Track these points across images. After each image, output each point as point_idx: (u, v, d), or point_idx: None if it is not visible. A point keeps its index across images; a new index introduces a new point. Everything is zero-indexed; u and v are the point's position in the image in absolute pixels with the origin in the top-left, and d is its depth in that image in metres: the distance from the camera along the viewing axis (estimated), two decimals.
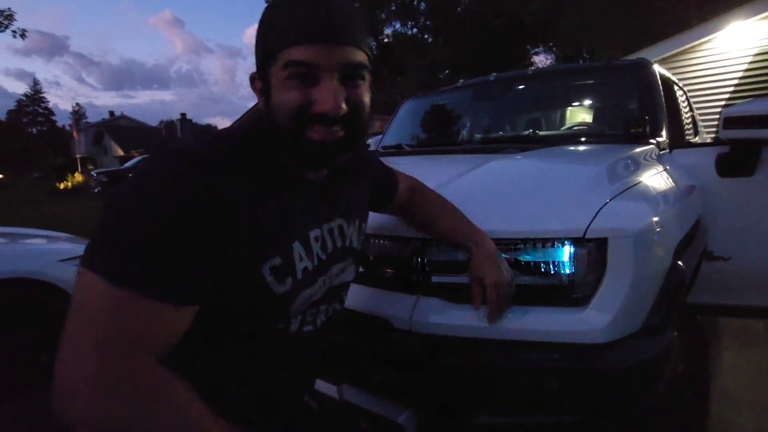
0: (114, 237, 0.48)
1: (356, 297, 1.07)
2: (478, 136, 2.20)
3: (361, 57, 0.60)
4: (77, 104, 70.35)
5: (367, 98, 0.63)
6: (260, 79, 0.62)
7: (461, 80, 2.56)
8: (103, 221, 0.50)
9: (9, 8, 10.77)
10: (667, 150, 1.65)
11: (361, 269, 1.02)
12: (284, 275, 0.61)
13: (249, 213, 0.55)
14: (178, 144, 0.57)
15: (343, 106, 0.58)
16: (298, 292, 0.63)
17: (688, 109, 2.37)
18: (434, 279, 1.00)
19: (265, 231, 0.58)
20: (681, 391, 1.27)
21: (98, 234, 0.50)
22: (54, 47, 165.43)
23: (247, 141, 0.62)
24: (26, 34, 11.15)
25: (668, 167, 1.45)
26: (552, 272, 0.92)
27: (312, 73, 0.57)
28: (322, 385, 1.02)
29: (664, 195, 1.21)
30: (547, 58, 19.83)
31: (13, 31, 10.94)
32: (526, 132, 2.07)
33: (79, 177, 19.82)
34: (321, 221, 0.68)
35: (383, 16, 17.11)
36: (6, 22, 10.74)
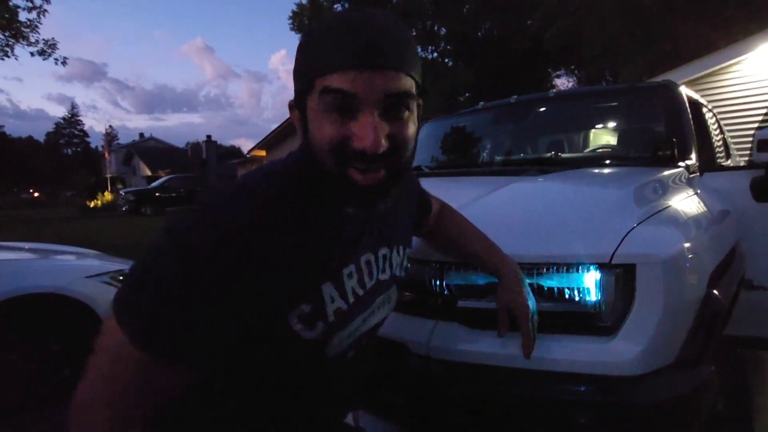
0: (137, 292, 0.49)
1: None
2: (498, 158, 2.18)
3: (406, 84, 0.54)
4: (110, 126, 73.82)
5: (412, 130, 0.57)
6: (298, 109, 0.56)
7: (481, 102, 2.56)
8: (136, 272, 0.50)
9: (53, 38, 11.53)
10: (698, 173, 1.59)
11: None
12: (314, 320, 0.56)
13: (274, 260, 0.51)
14: (206, 197, 0.53)
15: (384, 142, 0.52)
16: (332, 335, 0.59)
17: (718, 131, 2.30)
18: (453, 304, 0.97)
19: (288, 280, 0.52)
20: (721, 430, 1.18)
21: (129, 281, 0.50)
22: (93, 73, 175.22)
23: (282, 181, 0.57)
24: (67, 61, 11.89)
25: (699, 191, 1.40)
26: (577, 299, 0.88)
27: (350, 104, 0.51)
28: None
29: (695, 220, 1.16)
30: (569, 81, 19.81)
31: (55, 59, 11.69)
32: (548, 154, 2.04)
33: (108, 196, 20.57)
34: (357, 254, 0.61)
35: None
36: (49, 51, 11.49)
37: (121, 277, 2.35)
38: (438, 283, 0.98)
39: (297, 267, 0.53)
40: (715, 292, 1.02)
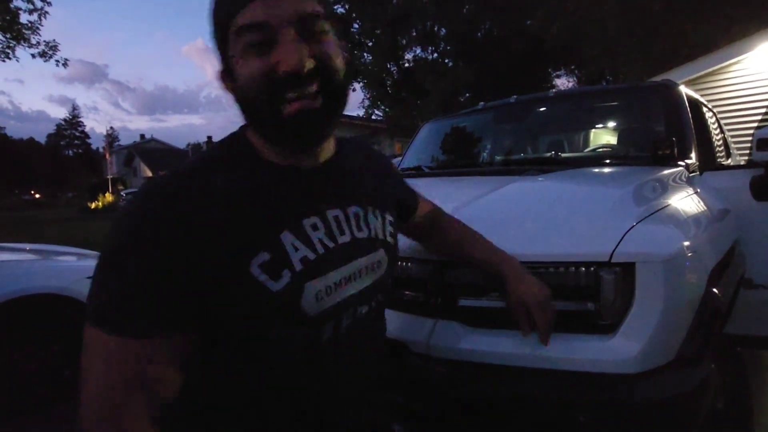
0: (94, 284, 0.51)
1: None
2: (498, 158, 2.18)
3: (315, 6, 0.55)
4: (111, 128, 73.93)
5: (335, 50, 0.57)
6: (228, 75, 0.58)
7: (482, 102, 2.56)
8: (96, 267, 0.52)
9: (54, 39, 11.55)
10: (698, 172, 1.59)
11: None
12: (278, 269, 0.55)
13: (216, 216, 0.52)
14: (144, 184, 0.56)
15: (308, 62, 0.53)
16: (302, 284, 0.56)
17: (718, 130, 2.30)
18: (453, 302, 0.97)
19: (240, 231, 0.53)
20: (721, 429, 1.18)
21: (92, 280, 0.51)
22: (94, 75, 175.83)
23: (222, 147, 0.61)
24: (68, 63, 11.90)
25: (699, 190, 1.40)
26: (577, 298, 0.88)
27: (266, 35, 0.53)
28: None
29: (695, 218, 1.16)
30: (569, 81, 19.80)
31: (57, 61, 11.71)
32: (548, 154, 2.05)
33: (109, 197, 20.62)
34: (320, 208, 0.61)
35: (404, 42, 17.52)
36: (50, 52, 11.50)
37: None
38: (438, 281, 0.98)
39: (239, 219, 0.54)
40: (714, 290, 1.02)
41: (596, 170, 1.56)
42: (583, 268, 0.87)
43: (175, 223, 0.50)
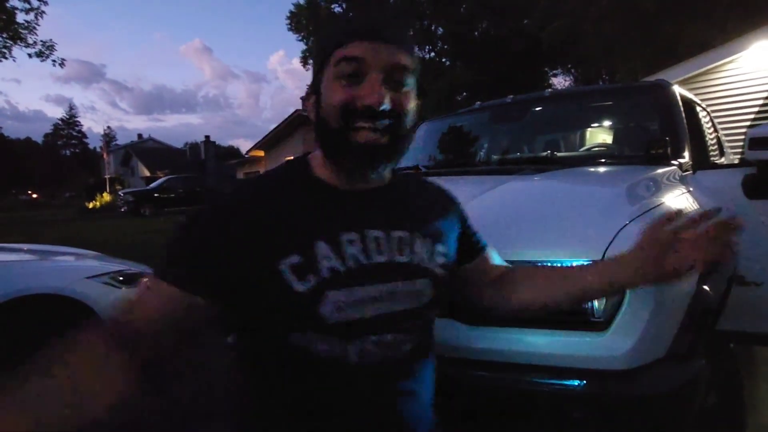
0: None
1: None
2: (494, 157, 2.20)
3: (406, 60, 0.63)
4: (108, 127, 73.69)
5: (412, 104, 0.65)
6: (314, 93, 0.66)
7: (478, 102, 2.58)
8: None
9: (51, 39, 11.51)
10: (691, 171, 1.61)
11: None
12: (305, 273, 0.60)
13: (261, 217, 0.62)
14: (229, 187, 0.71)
15: (387, 101, 0.60)
16: (324, 291, 0.59)
17: (712, 129, 2.32)
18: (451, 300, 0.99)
19: (278, 232, 0.61)
20: (713, 424, 1.20)
21: None
22: (91, 74, 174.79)
23: (288, 165, 0.71)
24: (65, 62, 11.87)
25: (692, 189, 1.42)
26: None
27: (359, 71, 0.60)
28: None
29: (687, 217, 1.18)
30: (566, 80, 19.84)
31: (53, 60, 11.67)
32: (544, 153, 2.06)
33: (107, 197, 20.55)
34: (362, 227, 0.64)
35: None
36: (47, 52, 11.47)
37: (121, 278, 2.36)
38: None
39: (278, 222, 0.62)
40: (705, 287, 1.04)
41: (591, 169, 1.58)
42: None
43: (223, 215, 0.63)
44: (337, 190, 0.66)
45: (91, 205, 19.75)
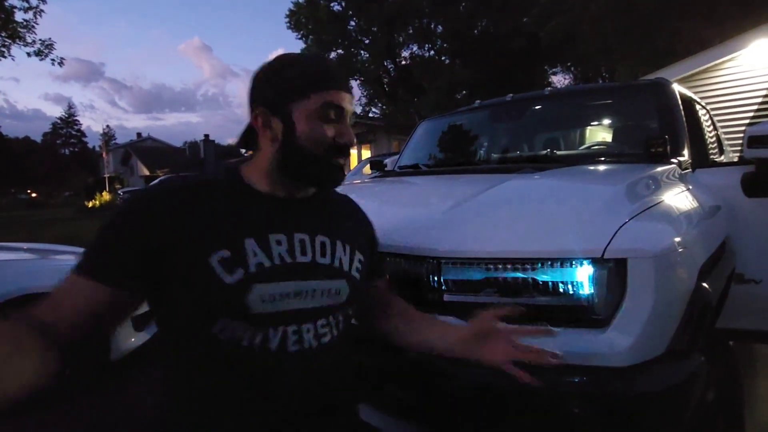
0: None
1: None
2: (494, 156, 2.20)
3: (354, 108, 0.80)
4: (107, 126, 73.59)
5: None
6: (278, 114, 0.74)
7: (478, 101, 2.58)
8: None
9: (50, 38, 11.48)
10: (690, 169, 1.62)
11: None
12: (234, 266, 0.66)
13: (191, 214, 0.67)
14: (153, 183, 0.75)
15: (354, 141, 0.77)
16: (251, 284, 0.66)
17: (711, 128, 2.33)
18: (450, 298, 0.99)
19: (210, 229, 0.67)
20: (712, 421, 1.21)
21: None
22: (90, 73, 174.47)
23: (216, 173, 0.78)
24: (64, 61, 11.84)
25: (691, 187, 1.43)
26: (571, 292, 0.90)
27: (340, 115, 0.74)
28: None
29: (686, 215, 1.19)
30: (565, 78, 19.83)
31: (52, 59, 11.65)
32: (543, 152, 2.07)
33: (106, 196, 20.51)
34: (289, 229, 0.73)
35: (401, 39, 17.50)
36: (46, 51, 11.44)
37: None
38: (435, 278, 1.00)
39: (208, 220, 0.68)
40: (704, 285, 1.05)
41: (590, 168, 1.58)
42: (577, 264, 0.89)
43: (150, 212, 0.66)
44: (268, 197, 0.75)
45: (90, 204, 19.72)
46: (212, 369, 0.68)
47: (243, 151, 0.88)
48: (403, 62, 17.99)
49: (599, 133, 2.15)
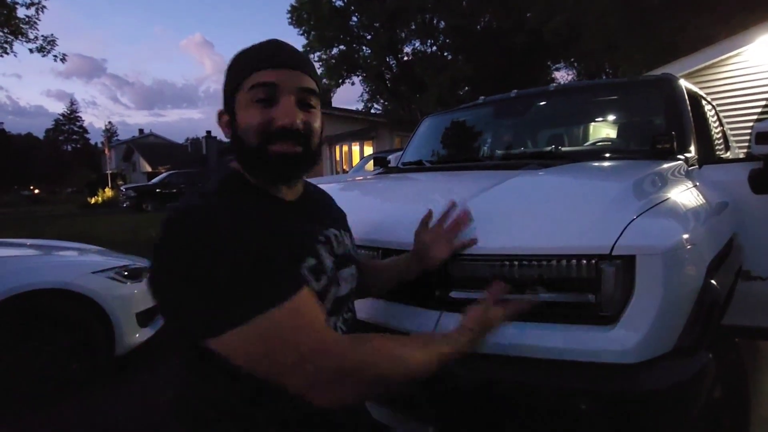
0: (213, 288, 0.54)
1: (378, 311, 1.07)
2: (499, 152, 2.19)
3: (312, 84, 0.71)
4: (109, 122, 73.64)
5: (318, 123, 0.72)
6: (227, 112, 0.71)
7: (482, 97, 2.57)
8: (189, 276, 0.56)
9: (52, 34, 11.49)
10: (697, 166, 1.60)
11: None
12: (319, 273, 0.68)
13: (263, 227, 0.63)
14: (182, 209, 0.62)
15: (299, 121, 0.67)
16: (329, 289, 0.70)
17: (717, 124, 2.31)
18: (457, 294, 0.99)
19: (291, 238, 0.66)
20: (718, 418, 1.20)
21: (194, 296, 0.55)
22: (92, 69, 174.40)
23: (226, 184, 0.70)
24: (66, 58, 11.85)
25: (698, 183, 1.42)
26: (578, 289, 0.90)
27: (273, 95, 0.66)
28: None
29: (694, 212, 1.18)
30: (568, 74, 19.73)
31: (54, 56, 11.65)
32: (548, 148, 2.06)
33: (109, 192, 20.57)
34: (324, 226, 0.76)
35: (403, 35, 17.42)
36: (48, 47, 11.44)
37: (126, 273, 2.37)
38: (442, 274, 1.00)
39: (286, 234, 0.66)
40: (712, 282, 1.04)
41: (596, 164, 1.57)
42: (585, 261, 0.89)
43: (243, 226, 0.59)
44: (282, 201, 0.73)
45: (93, 201, 19.79)
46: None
47: None
48: (405, 58, 17.92)
49: (605, 130, 2.14)
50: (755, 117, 4.64)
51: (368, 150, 14.40)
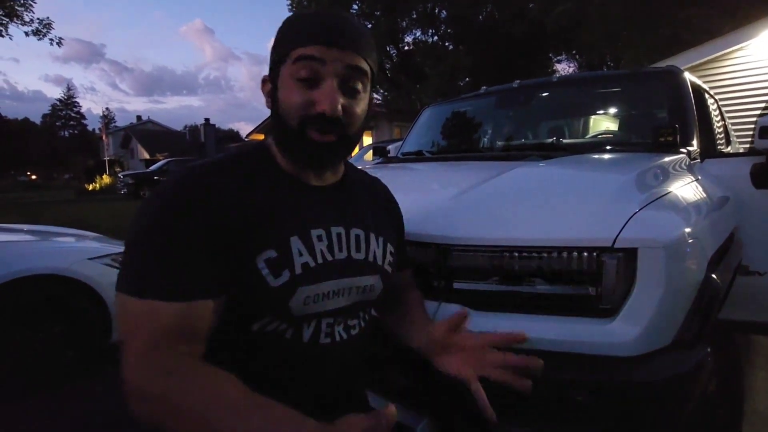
0: (128, 256, 0.58)
1: None
2: (500, 143, 2.17)
3: (362, 64, 0.65)
4: (107, 109, 73.09)
5: (362, 108, 0.67)
6: (270, 81, 0.68)
7: (484, 87, 2.54)
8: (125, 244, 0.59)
9: (47, 17, 11.32)
10: (699, 160, 1.60)
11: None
12: (280, 268, 0.62)
13: (239, 208, 0.60)
14: (179, 174, 0.63)
15: (339, 108, 0.63)
16: (296, 287, 0.62)
17: (719, 118, 2.30)
18: (456, 285, 0.98)
19: (255, 226, 0.61)
20: (713, 410, 1.21)
21: (123, 257, 0.59)
22: (91, 55, 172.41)
23: (249, 152, 0.69)
24: (62, 41, 11.69)
25: (700, 177, 1.41)
26: (579, 282, 0.89)
27: (316, 72, 0.62)
28: None
29: (696, 205, 1.17)
30: (569, 66, 19.60)
31: (51, 39, 11.49)
32: (550, 140, 2.04)
33: (107, 179, 20.47)
34: (326, 222, 0.68)
35: (404, 24, 17.22)
36: (44, 30, 11.29)
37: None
38: (442, 265, 0.99)
39: (255, 217, 0.61)
40: (713, 276, 1.04)
41: (598, 156, 1.56)
42: (586, 253, 0.88)
43: (203, 210, 0.58)
44: (304, 185, 0.69)
45: (90, 187, 19.69)
46: (241, 358, 0.65)
47: (245, 136, 0.84)
48: (406, 48, 17.74)
49: (607, 121, 2.12)
50: (758, 112, 4.62)
51: (367, 140, 14.34)
